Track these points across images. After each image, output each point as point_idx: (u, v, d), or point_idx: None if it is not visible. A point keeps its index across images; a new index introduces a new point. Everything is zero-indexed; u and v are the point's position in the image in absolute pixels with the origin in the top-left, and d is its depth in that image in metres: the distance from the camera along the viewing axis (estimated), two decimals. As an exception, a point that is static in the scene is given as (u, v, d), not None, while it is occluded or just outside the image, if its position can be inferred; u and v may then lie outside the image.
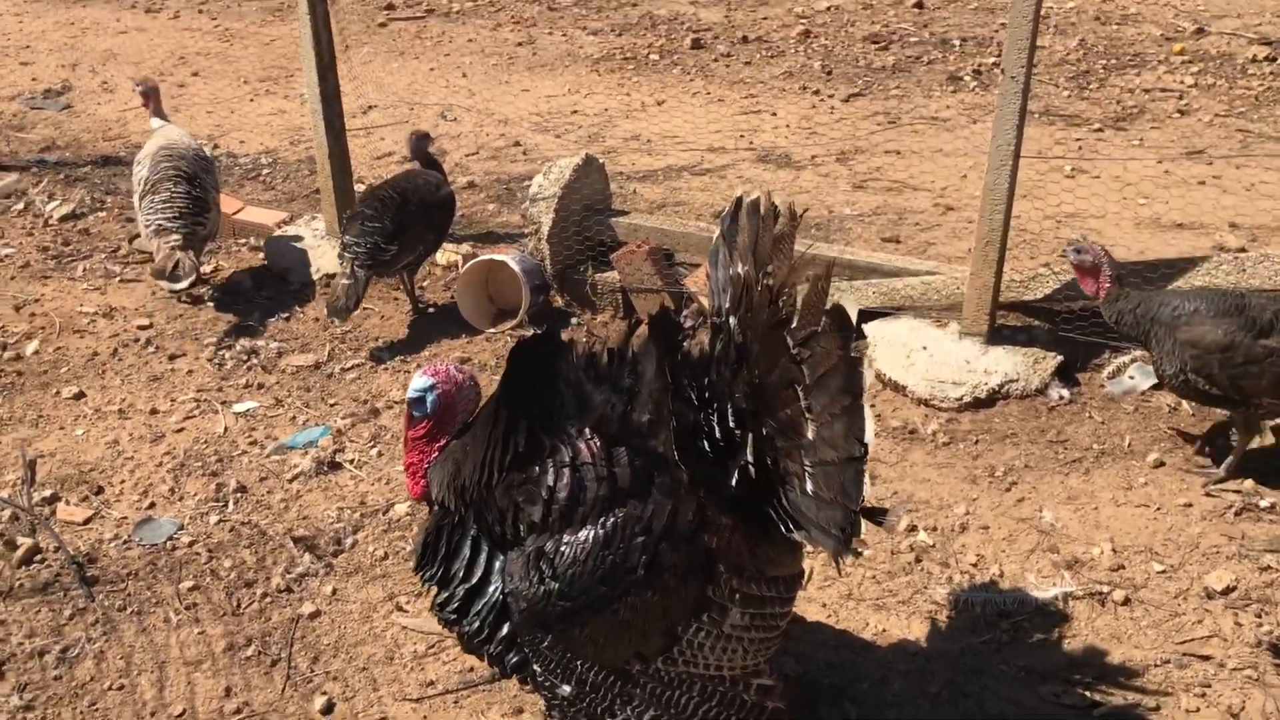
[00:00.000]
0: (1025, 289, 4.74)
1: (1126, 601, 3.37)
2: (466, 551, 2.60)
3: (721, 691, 2.56)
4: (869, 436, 2.29)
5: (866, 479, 2.29)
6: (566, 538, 2.45)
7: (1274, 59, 8.47)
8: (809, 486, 2.35)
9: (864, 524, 2.32)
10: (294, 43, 9.98)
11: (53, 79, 9.35)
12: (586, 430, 2.50)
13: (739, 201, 2.69)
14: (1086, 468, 4.02)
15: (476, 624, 2.58)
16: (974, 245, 4.50)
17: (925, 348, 4.60)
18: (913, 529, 3.75)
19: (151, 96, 5.88)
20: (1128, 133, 7.25)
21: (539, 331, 2.66)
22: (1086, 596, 3.40)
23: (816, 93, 8.27)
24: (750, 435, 2.45)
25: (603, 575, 2.43)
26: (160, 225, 5.32)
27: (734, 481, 2.45)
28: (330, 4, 5.56)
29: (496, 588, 2.55)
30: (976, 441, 4.24)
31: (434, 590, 2.65)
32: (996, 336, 4.63)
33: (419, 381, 2.67)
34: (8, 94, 9.03)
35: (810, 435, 2.34)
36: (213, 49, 10.10)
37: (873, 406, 4.40)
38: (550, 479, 2.47)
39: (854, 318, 2.38)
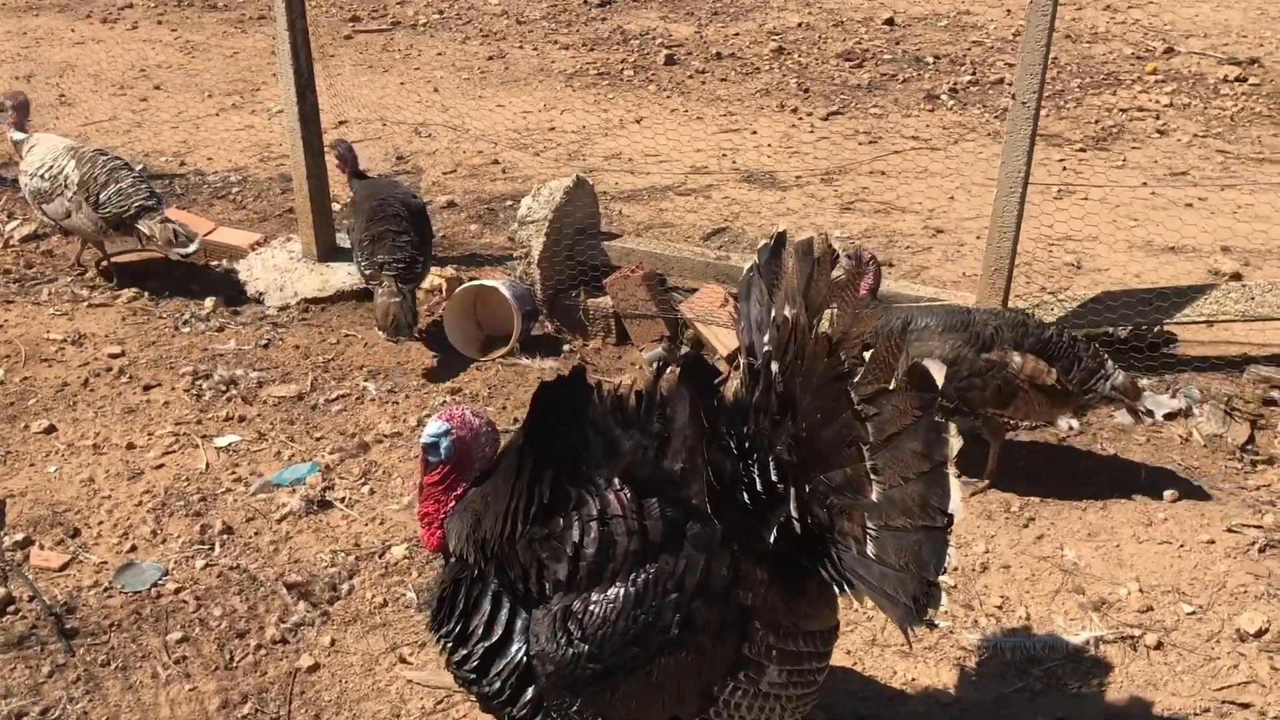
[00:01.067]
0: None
1: (1159, 646, 3.28)
2: (487, 607, 2.45)
3: None
4: (954, 506, 2.15)
5: (951, 550, 2.16)
6: (595, 596, 2.32)
7: (1244, 79, 8.53)
8: (870, 549, 2.22)
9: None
10: (257, 55, 9.75)
11: (4, 90, 9.01)
12: (615, 480, 2.37)
13: (781, 237, 2.56)
14: (1104, 503, 3.94)
15: (498, 684, 2.43)
16: (980, 274, 4.42)
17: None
18: (933, 569, 3.63)
19: (20, 111, 5.87)
20: (1109, 153, 7.24)
21: (563, 374, 2.50)
22: (1118, 640, 3.31)
23: (795, 111, 8.19)
24: (794, 490, 2.33)
25: (635, 635, 2.31)
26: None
27: (772, 536, 2.32)
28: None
29: (520, 648, 2.40)
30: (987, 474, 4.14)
31: (450, 647, 2.49)
32: (1002, 365, 4.54)
33: (433, 427, 2.51)
34: (-41, 106, 8.69)
35: (875, 496, 2.21)
36: (174, 61, 9.82)
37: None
38: (576, 534, 2.33)
39: (939, 380, 2.24)
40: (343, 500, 4.05)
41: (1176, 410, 4.38)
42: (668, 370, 2.58)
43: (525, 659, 2.39)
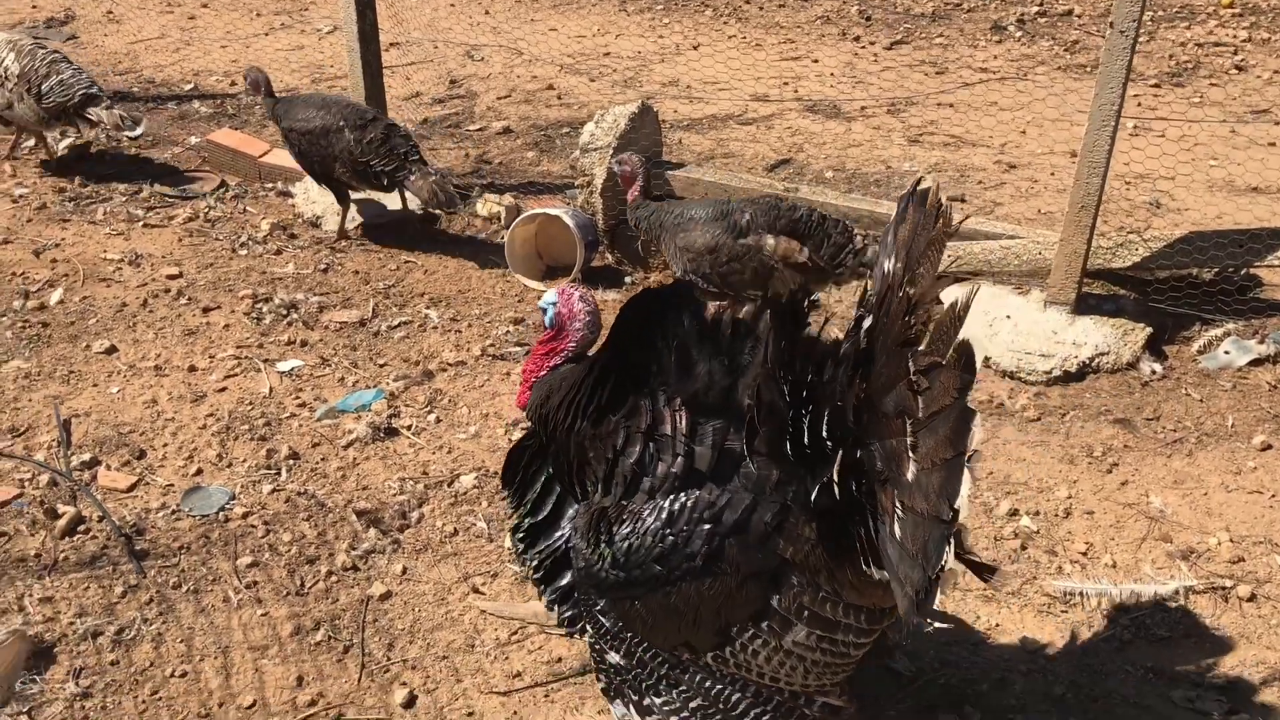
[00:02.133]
0: (1113, 255, 4.51)
1: (1252, 598, 3.18)
2: (539, 487, 2.55)
3: (779, 701, 2.36)
4: (961, 502, 2.01)
5: (950, 548, 2.00)
6: (631, 507, 2.31)
7: (1327, 13, 8.21)
8: (896, 530, 2.09)
9: (957, 537, 2.07)
10: (307, -26, 9.57)
11: (55, 7, 8.93)
12: (677, 400, 2.29)
13: (917, 184, 2.40)
14: (1189, 449, 3.82)
15: (536, 562, 2.54)
16: (1067, 210, 4.26)
17: (1009, 317, 4.38)
18: (1014, 513, 3.55)
19: None
20: (1185, 89, 6.99)
21: (666, 286, 2.42)
22: (1208, 591, 3.21)
23: (857, 39, 7.96)
24: (842, 451, 2.20)
25: (659, 555, 2.28)
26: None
27: (814, 495, 2.21)
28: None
29: (562, 535, 2.49)
30: (1067, 418, 4.03)
31: (511, 510, 2.64)
32: (1083, 306, 4.41)
33: (548, 296, 2.64)
34: (9, 22, 8.61)
35: (909, 475, 2.07)
36: (221, -22, 9.67)
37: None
38: (620, 441, 2.32)
39: (978, 361, 2.11)
40: (409, 428, 3.99)
41: (1264, 356, 4.23)
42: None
43: (565, 547, 2.47)
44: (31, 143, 6.25)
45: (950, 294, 2.20)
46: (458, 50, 7.75)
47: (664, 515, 2.26)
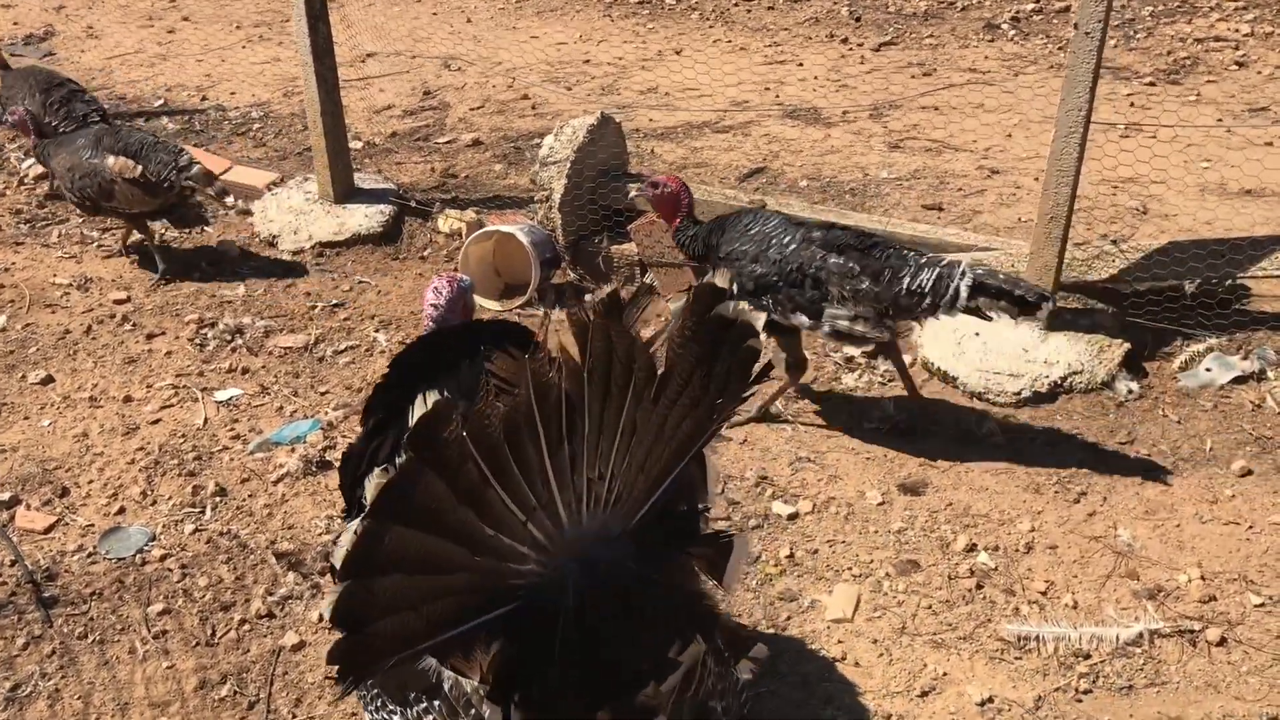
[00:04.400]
0: (1088, 268, 4.29)
1: (1222, 642, 2.96)
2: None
3: None
4: None
5: None
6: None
7: (1335, 5, 7.91)
8: None
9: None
10: (289, -15, 9.44)
11: (35, 23, 8.83)
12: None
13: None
14: (1164, 475, 3.59)
15: None
16: (1036, 221, 4.05)
17: (978, 334, 4.16)
18: (972, 548, 3.34)
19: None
20: (1182, 86, 6.72)
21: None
22: (1175, 634, 2.99)
23: (845, 41, 7.74)
24: None
25: None
26: None
27: None
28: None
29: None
30: (1037, 442, 3.82)
31: None
32: (1057, 321, 4.17)
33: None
34: (-13, 39, 8.51)
35: None
36: (204, -9, 9.55)
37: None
38: (357, 468, 2.32)
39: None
40: (343, 461, 3.82)
41: (1248, 373, 4.00)
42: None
43: None
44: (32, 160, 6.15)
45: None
46: (435, 60, 7.59)
47: None
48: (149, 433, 4.01)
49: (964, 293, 3.39)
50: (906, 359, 4.30)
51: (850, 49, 7.59)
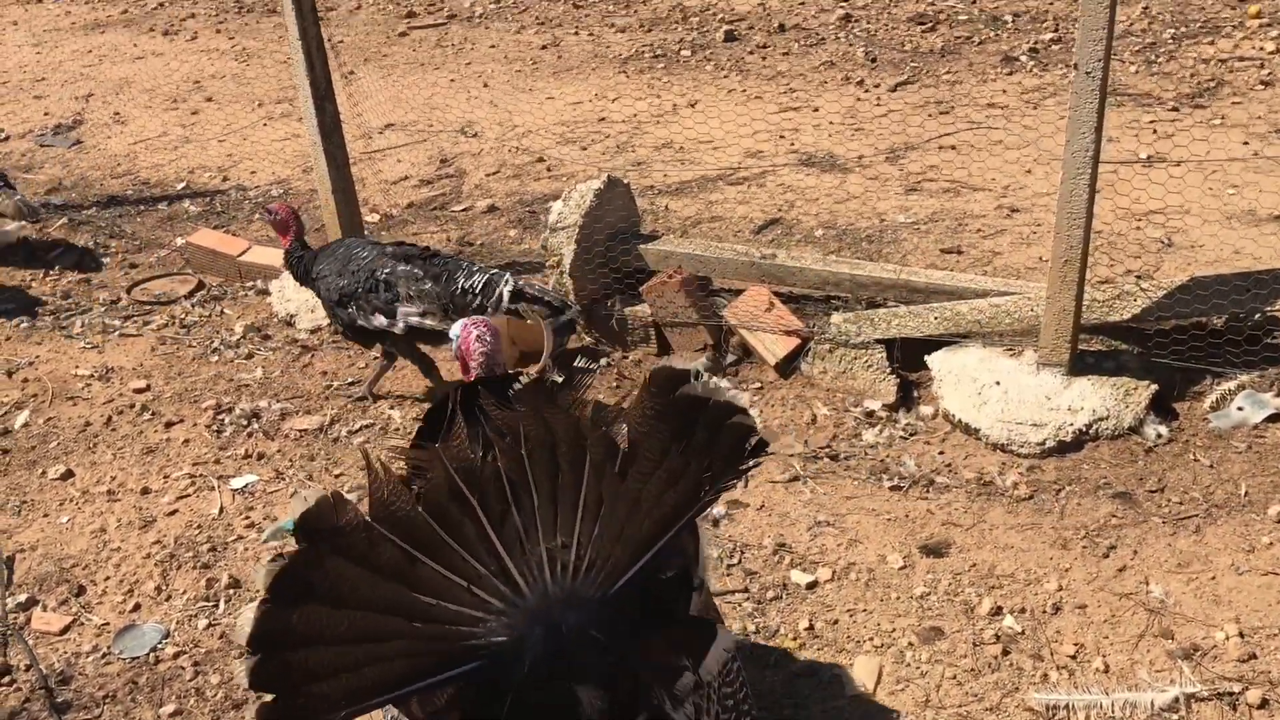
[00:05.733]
0: (1110, 309, 4.17)
1: (1264, 704, 2.82)
2: None
3: None
4: None
5: None
6: None
7: (1362, 18, 7.75)
8: None
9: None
10: (310, 60, 9.58)
11: (65, 112, 9.02)
12: None
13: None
14: (1197, 525, 3.46)
15: None
16: (1050, 265, 3.95)
17: (999, 382, 4.05)
18: (997, 611, 3.22)
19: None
20: (1206, 110, 6.60)
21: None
22: (1213, 698, 2.86)
23: (860, 83, 7.69)
24: None
25: None
26: None
27: None
28: (337, 24, 5.11)
29: None
30: (1062, 494, 3.70)
31: None
32: (1079, 365, 4.07)
33: (455, 328, 2.85)
34: (19, 131, 8.71)
35: None
36: (228, 70, 9.72)
37: (941, 453, 3.92)
38: None
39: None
40: (356, 546, 3.78)
41: (1283, 411, 3.86)
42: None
43: None
44: (22, 255, 6.25)
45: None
46: (452, 127, 7.64)
47: None
48: (165, 525, 4.01)
49: (506, 295, 4.24)
50: (927, 409, 4.22)
51: (866, 91, 7.54)
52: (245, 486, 4.19)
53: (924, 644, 3.15)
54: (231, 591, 3.64)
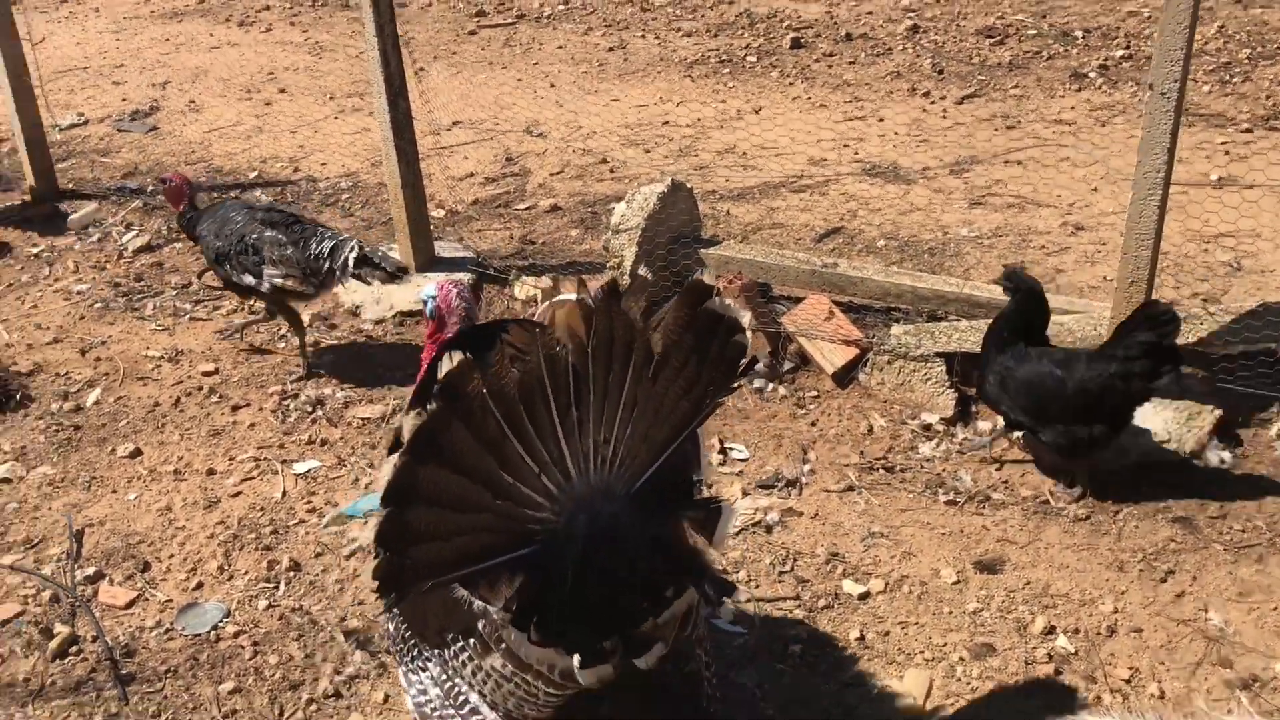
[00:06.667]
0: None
1: (1320, 738, 2.79)
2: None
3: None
4: None
5: None
6: None
7: None
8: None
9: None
10: (380, 55, 9.71)
11: (142, 99, 9.22)
12: None
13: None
14: (1260, 554, 3.42)
15: None
16: (1116, 285, 3.92)
17: (1059, 401, 4.02)
18: (1050, 631, 3.21)
19: None
20: (1281, 133, 6.50)
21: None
22: (1269, 729, 2.83)
23: (926, 94, 7.66)
24: None
25: None
26: None
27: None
28: (408, 21, 5.20)
29: None
30: (1120, 516, 3.67)
31: None
32: (1142, 387, 4.03)
33: (427, 289, 2.90)
34: (98, 116, 8.93)
35: None
36: (302, 63, 9.89)
37: (998, 469, 3.91)
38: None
39: None
40: (413, 535, 3.85)
41: (1351, 441, 3.80)
42: None
43: None
44: (98, 236, 6.41)
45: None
46: (518, 126, 7.72)
47: None
48: (229, 506, 4.10)
49: (351, 261, 4.56)
50: (985, 425, 4.20)
51: (932, 103, 7.51)
52: (308, 471, 4.27)
53: (975, 660, 3.14)
54: (292, 574, 3.72)
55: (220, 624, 3.52)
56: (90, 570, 3.79)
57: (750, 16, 9.87)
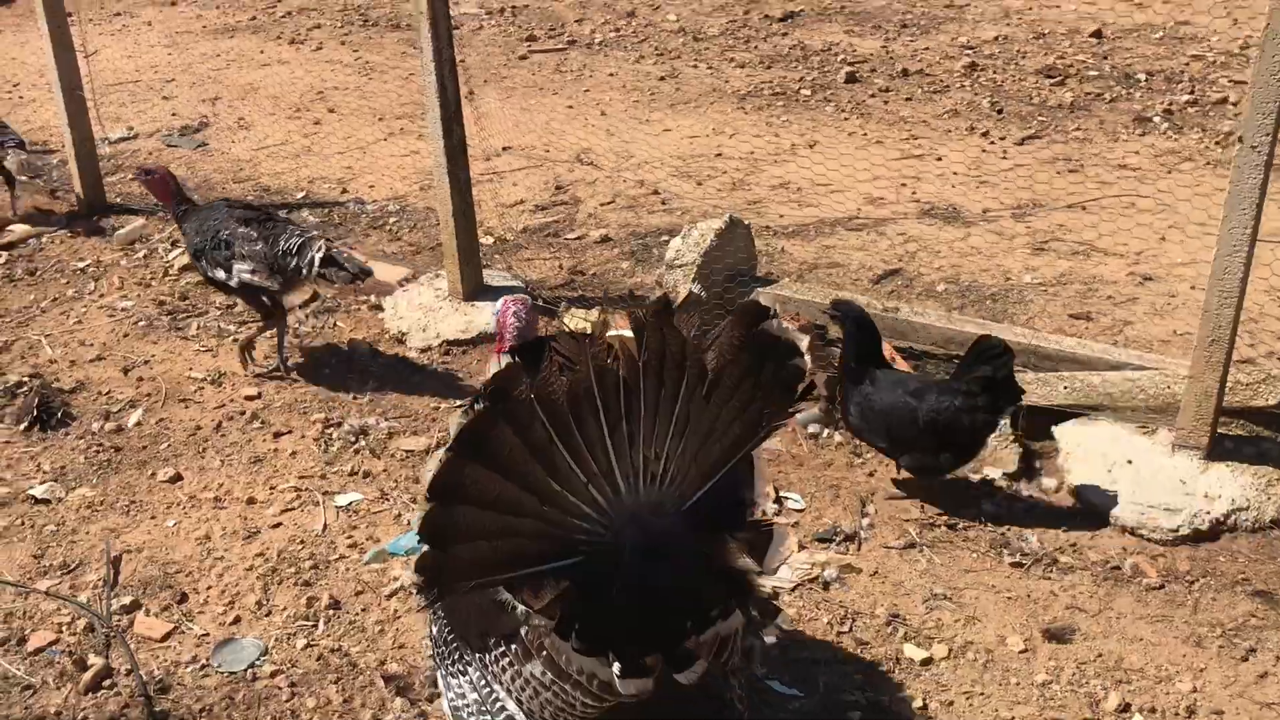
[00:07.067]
0: (1254, 393, 3.97)
1: None
2: None
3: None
4: None
5: None
6: None
7: None
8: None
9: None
10: (431, 77, 9.69)
11: (192, 115, 9.24)
12: None
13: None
14: (1348, 633, 3.24)
15: None
16: (1195, 344, 3.76)
17: (1130, 461, 3.87)
18: (1125, 709, 3.05)
19: None
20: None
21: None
22: (1364, 829, 2.65)
23: (986, 134, 7.52)
24: None
25: None
26: None
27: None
28: (460, 44, 5.13)
29: None
30: (1196, 587, 3.50)
31: None
32: (1218, 450, 3.87)
33: (498, 304, 3.08)
34: (148, 130, 8.94)
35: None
36: (351, 83, 9.87)
37: (1065, 530, 3.75)
38: None
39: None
40: (457, 577, 3.73)
41: None
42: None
43: None
44: (144, 253, 6.37)
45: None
46: (568, 154, 7.65)
47: None
48: (269, 537, 4.01)
49: (317, 260, 4.62)
50: (1050, 482, 4.05)
51: (991, 143, 7.37)
52: (350, 504, 4.17)
53: (1045, 737, 2.99)
54: (331, 612, 3.61)
55: (257, 662, 3.42)
56: (127, 599, 3.70)
57: (804, 49, 9.77)
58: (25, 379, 5.08)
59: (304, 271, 4.68)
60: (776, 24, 10.65)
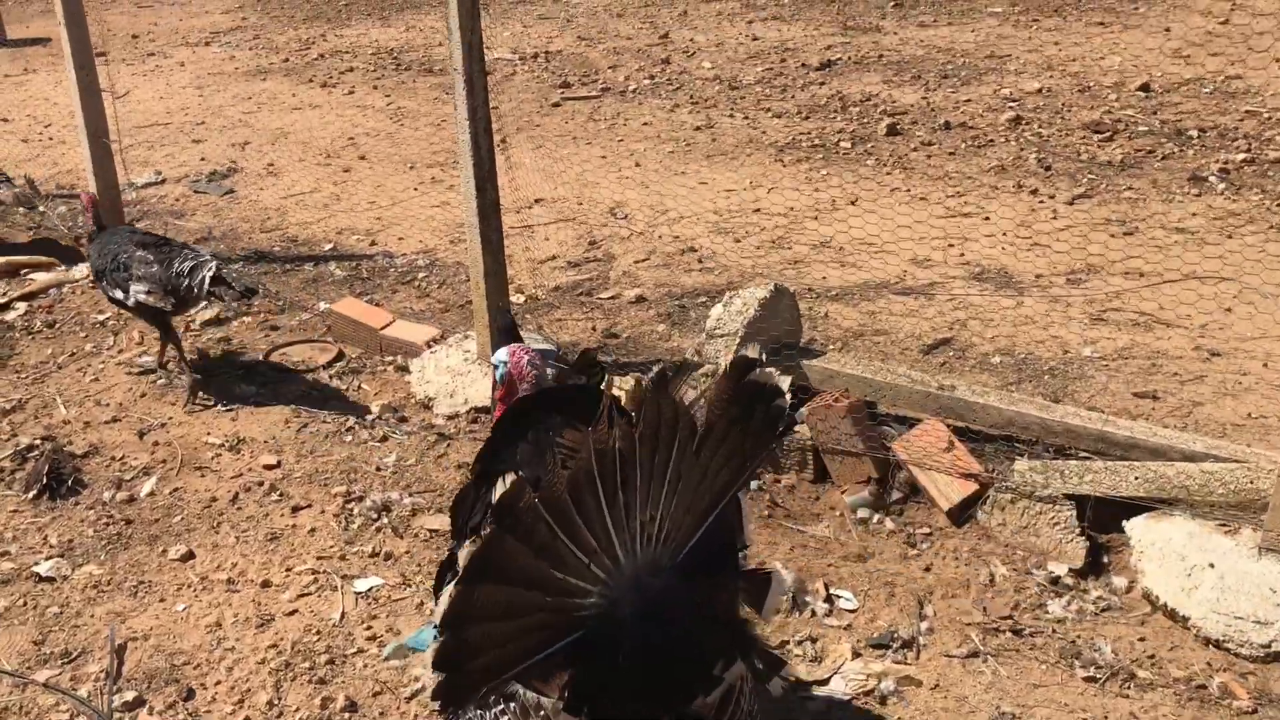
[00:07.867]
0: (1347, 490, 3.66)
1: None
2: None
3: None
4: None
5: None
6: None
7: None
8: None
9: None
10: (463, 124, 9.53)
11: (220, 159, 9.12)
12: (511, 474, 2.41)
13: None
14: None
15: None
16: (1285, 439, 3.47)
17: (1212, 565, 3.57)
18: None
19: None
20: None
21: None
22: None
23: (1034, 192, 7.26)
24: None
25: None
26: None
27: None
28: (492, 90, 4.93)
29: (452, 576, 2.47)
30: (1293, 709, 3.19)
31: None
32: (1309, 554, 3.56)
33: (500, 354, 2.93)
34: (175, 175, 8.83)
35: None
36: (383, 129, 9.74)
37: (1142, 640, 3.45)
38: (469, 500, 2.61)
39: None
40: (482, 677, 3.47)
41: None
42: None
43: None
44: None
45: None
46: (602, 206, 7.44)
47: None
48: (283, 626, 3.76)
49: (207, 280, 4.87)
50: (1121, 582, 3.76)
51: (1041, 201, 7.11)
52: (369, 590, 3.92)
53: None
54: (347, 715, 3.36)
55: (266, 773, 3.16)
56: (130, 695, 3.46)
57: (843, 98, 9.57)
58: (37, 441, 4.89)
59: (195, 291, 4.92)
60: (814, 72, 10.47)
